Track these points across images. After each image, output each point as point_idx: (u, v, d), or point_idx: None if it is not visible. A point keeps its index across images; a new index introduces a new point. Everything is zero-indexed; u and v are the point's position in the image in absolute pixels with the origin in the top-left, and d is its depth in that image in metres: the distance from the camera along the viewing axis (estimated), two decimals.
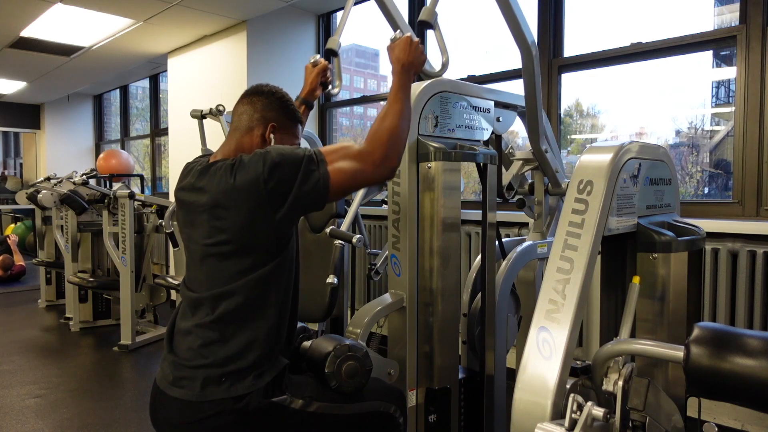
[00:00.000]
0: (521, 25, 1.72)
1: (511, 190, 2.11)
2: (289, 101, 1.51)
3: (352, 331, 1.64)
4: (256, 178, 1.28)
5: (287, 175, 1.28)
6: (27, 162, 9.34)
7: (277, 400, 1.31)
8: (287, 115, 1.49)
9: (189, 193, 1.40)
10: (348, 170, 1.33)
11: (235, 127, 1.47)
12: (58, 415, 2.87)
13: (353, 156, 1.34)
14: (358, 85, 6.84)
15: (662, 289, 1.28)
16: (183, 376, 1.30)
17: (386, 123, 1.37)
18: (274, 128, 1.45)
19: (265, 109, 1.45)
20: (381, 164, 1.34)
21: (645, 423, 1.12)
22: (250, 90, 1.50)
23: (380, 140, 1.35)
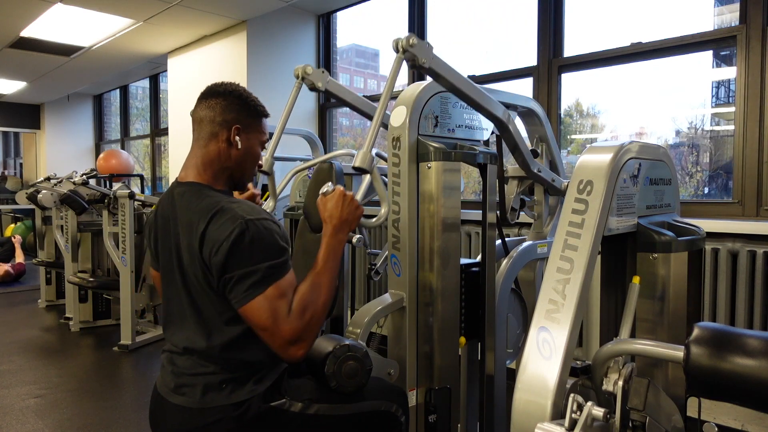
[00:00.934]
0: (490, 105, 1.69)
1: (514, 212, 2.12)
2: (249, 97, 1.42)
3: (352, 331, 1.64)
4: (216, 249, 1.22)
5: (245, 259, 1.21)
6: (27, 162, 9.34)
7: (276, 404, 1.31)
8: (249, 112, 1.41)
9: (167, 221, 1.37)
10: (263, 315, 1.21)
11: (197, 136, 1.39)
12: (58, 415, 2.87)
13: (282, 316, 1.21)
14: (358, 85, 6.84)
15: (662, 289, 1.28)
16: (183, 384, 1.30)
17: (313, 301, 1.26)
18: (239, 130, 1.38)
19: (225, 111, 1.37)
20: (291, 344, 1.23)
21: (645, 423, 1.12)
22: (205, 92, 1.41)
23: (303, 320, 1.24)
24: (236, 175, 1.43)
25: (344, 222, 1.39)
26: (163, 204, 1.42)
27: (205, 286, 1.27)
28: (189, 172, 1.39)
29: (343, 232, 1.39)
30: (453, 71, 1.55)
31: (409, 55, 1.44)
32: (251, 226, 1.22)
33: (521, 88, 3.48)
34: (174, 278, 1.35)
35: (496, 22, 3.92)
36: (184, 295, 1.33)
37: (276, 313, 1.21)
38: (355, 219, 1.43)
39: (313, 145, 3.74)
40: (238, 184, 1.46)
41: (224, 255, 1.21)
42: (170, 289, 1.38)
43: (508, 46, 3.80)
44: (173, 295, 1.37)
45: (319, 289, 1.29)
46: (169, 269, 1.37)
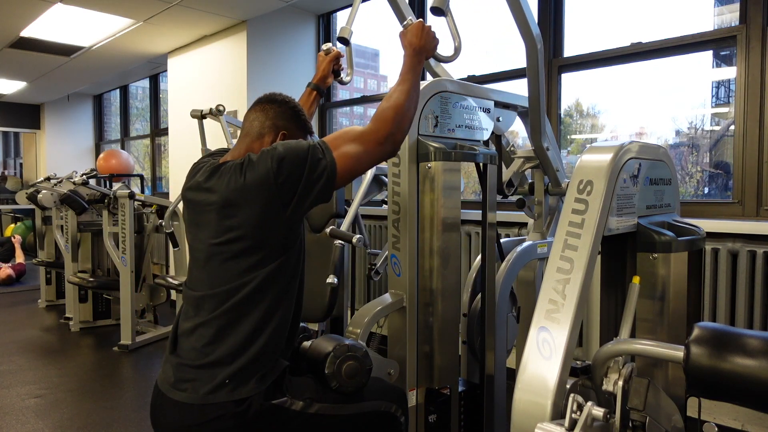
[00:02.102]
0: (527, 18, 1.73)
1: (511, 187, 2.11)
2: (300, 111, 1.52)
3: (352, 331, 1.64)
4: (266, 174, 1.29)
5: (295, 167, 1.30)
6: (27, 162, 9.34)
7: (278, 402, 1.31)
8: (298, 125, 1.50)
9: (197, 192, 1.40)
10: (353, 153, 1.35)
11: (246, 132, 1.48)
12: (58, 415, 2.87)
13: (356, 138, 1.36)
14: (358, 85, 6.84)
15: (662, 289, 1.28)
16: (185, 379, 1.30)
17: (392, 101, 1.39)
18: (285, 136, 1.46)
19: (277, 117, 1.46)
20: (385, 141, 1.37)
21: (645, 423, 1.12)
22: (264, 98, 1.51)
23: (385, 118, 1.37)
24: None
25: (423, 48, 1.52)
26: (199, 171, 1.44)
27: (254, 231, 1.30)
28: (227, 158, 1.44)
29: (421, 55, 1.52)
30: None
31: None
32: (274, 149, 1.32)
33: (521, 88, 3.47)
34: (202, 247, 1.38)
35: (496, 22, 3.92)
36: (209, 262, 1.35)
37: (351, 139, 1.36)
38: (432, 47, 1.55)
39: None
40: None
41: (286, 169, 1.29)
42: (196, 263, 1.41)
43: (508, 46, 3.80)
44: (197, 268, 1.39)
45: (396, 93, 1.41)
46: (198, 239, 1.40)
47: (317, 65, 1.90)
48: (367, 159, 1.38)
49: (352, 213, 2.10)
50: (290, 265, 1.37)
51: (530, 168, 2.19)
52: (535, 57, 1.80)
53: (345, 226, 2.06)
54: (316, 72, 1.89)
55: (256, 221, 1.30)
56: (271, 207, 1.30)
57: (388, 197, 1.76)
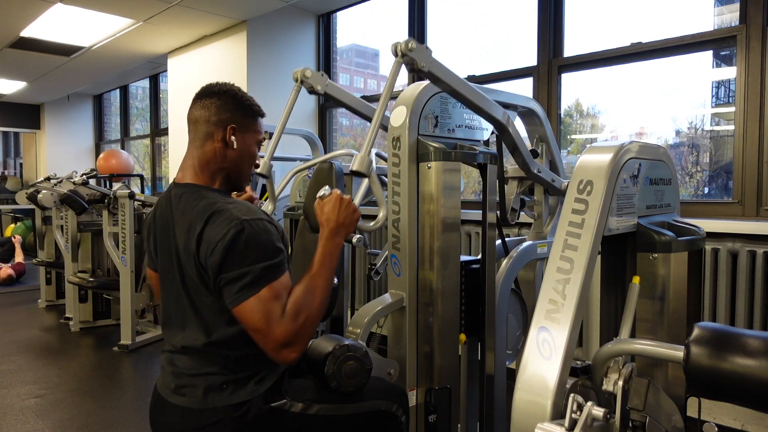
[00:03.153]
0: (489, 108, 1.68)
1: (514, 213, 2.12)
2: (243, 96, 1.41)
3: (352, 331, 1.64)
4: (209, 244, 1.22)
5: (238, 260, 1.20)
6: (27, 162, 9.34)
7: (277, 404, 1.31)
8: (245, 111, 1.40)
9: (165, 222, 1.37)
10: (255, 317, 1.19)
11: (192, 137, 1.39)
12: (58, 415, 2.87)
13: (275, 318, 1.20)
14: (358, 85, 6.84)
15: (662, 289, 1.28)
16: (184, 385, 1.30)
17: (308, 304, 1.24)
18: (234, 129, 1.37)
19: (220, 111, 1.37)
20: (282, 348, 1.21)
21: (645, 423, 1.12)
22: (200, 92, 1.41)
23: (296, 323, 1.21)
24: (233, 176, 1.42)
25: (341, 225, 1.38)
26: (160, 205, 1.41)
27: (202, 287, 1.27)
28: (186, 174, 1.38)
29: (339, 235, 1.38)
30: (452, 74, 1.55)
31: (407, 59, 1.44)
32: (247, 227, 1.22)
33: (521, 88, 3.48)
34: (173, 279, 1.35)
35: (496, 22, 3.92)
36: (184, 296, 1.32)
37: (269, 315, 1.19)
38: (353, 222, 1.42)
39: (313, 145, 3.74)
40: (236, 185, 1.45)
41: (219, 256, 1.21)
42: (169, 290, 1.38)
43: (508, 46, 3.80)
44: (172, 296, 1.36)
45: (314, 292, 1.27)
46: (168, 270, 1.37)
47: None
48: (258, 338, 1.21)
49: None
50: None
51: (527, 187, 2.21)
52: (510, 134, 1.79)
53: None
54: None
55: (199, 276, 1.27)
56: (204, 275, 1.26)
57: (388, 197, 1.76)
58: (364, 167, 1.45)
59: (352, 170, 1.46)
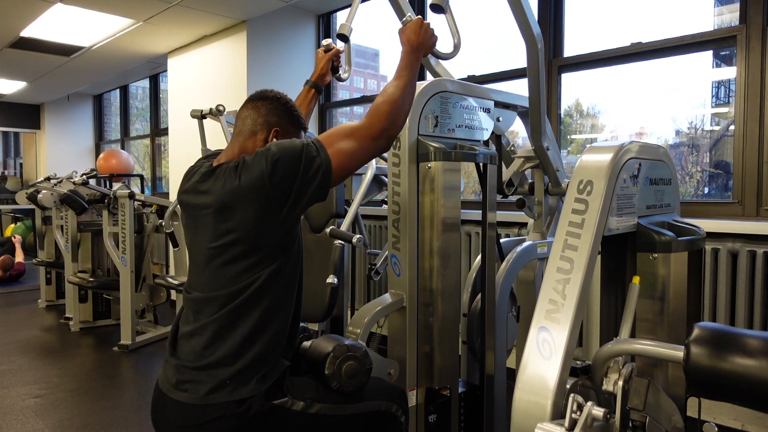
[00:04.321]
0: (528, 17, 1.73)
1: (511, 186, 2.11)
2: (293, 107, 1.50)
3: (352, 331, 1.64)
4: (261, 175, 1.28)
5: (290, 166, 1.29)
6: (27, 162, 9.34)
7: (279, 402, 1.31)
8: (291, 121, 1.48)
9: (192, 196, 1.40)
10: (347, 150, 1.34)
11: (238, 131, 1.46)
12: (58, 415, 2.87)
13: (350, 135, 1.35)
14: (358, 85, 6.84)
15: (662, 289, 1.28)
16: (186, 380, 1.30)
17: (387, 96, 1.39)
18: (278, 133, 1.44)
19: (270, 114, 1.45)
20: (379, 137, 1.36)
21: (645, 423, 1.12)
22: (255, 95, 1.49)
23: (379, 113, 1.37)
24: None
25: (421, 45, 1.51)
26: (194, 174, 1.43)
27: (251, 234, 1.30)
28: (222, 160, 1.43)
29: (419, 52, 1.51)
30: None
31: None
32: (268, 150, 1.31)
33: (521, 88, 3.47)
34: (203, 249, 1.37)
35: (496, 22, 3.92)
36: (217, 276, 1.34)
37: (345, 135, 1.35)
38: (431, 44, 1.55)
39: None
40: None
41: (281, 167, 1.28)
42: (196, 262, 1.40)
43: (508, 46, 3.79)
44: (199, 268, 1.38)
45: (391, 88, 1.40)
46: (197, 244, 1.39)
47: (316, 62, 1.88)
48: (361, 155, 1.37)
49: (352, 213, 2.10)
50: (289, 267, 1.37)
51: (530, 168, 2.19)
52: (536, 56, 1.80)
53: (345, 226, 2.06)
54: (314, 69, 1.88)
55: (252, 223, 1.30)
56: (267, 208, 1.30)
57: (388, 197, 1.76)
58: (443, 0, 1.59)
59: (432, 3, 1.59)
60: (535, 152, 2.06)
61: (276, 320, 1.34)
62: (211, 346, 1.30)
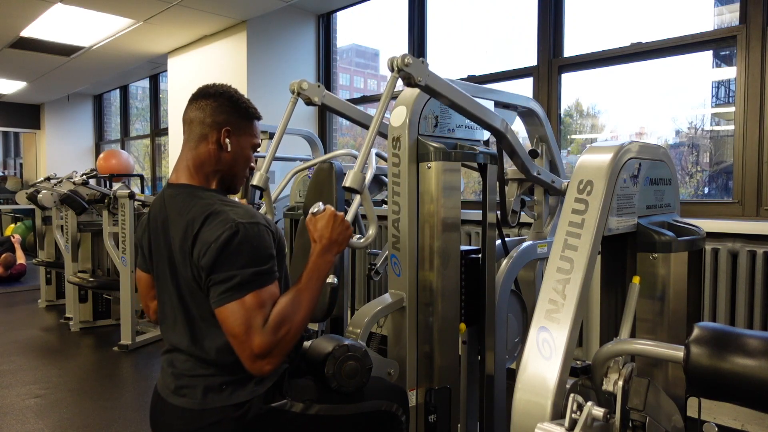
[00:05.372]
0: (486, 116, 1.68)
1: (515, 215, 2.13)
2: (240, 99, 1.39)
3: (352, 331, 1.64)
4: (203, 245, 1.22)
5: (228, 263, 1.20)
6: (27, 162, 9.34)
7: (278, 405, 1.30)
8: (240, 114, 1.38)
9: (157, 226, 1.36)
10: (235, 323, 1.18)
11: (187, 138, 1.38)
12: (58, 415, 2.87)
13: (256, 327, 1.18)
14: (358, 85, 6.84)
15: (662, 289, 1.28)
16: (184, 385, 1.30)
17: (299, 316, 1.24)
18: (229, 132, 1.36)
19: (215, 113, 1.35)
20: (257, 358, 1.19)
21: (645, 423, 1.12)
22: (196, 93, 1.39)
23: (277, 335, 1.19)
24: (227, 178, 1.41)
25: (333, 243, 1.37)
26: (155, 206, 1.40)
27: (196, 288, 1.27)
28: (180, 175, 1.38)
29: (331, 252, 1.37)
30: (449, 86, 1.55)
31: (404, 74, 1.44)
32: (241, 230, 1.21)
33: (521, 88, 3.48)
34: (167, 281, 1.35)
35: (496, 22, 3.92)
36: (176, 298, 1.32)
37: (249, 322, 1.18)
38: (345, 240, 1.40)
39: (313, 145, 3.73)
40: (230, 187, 1.44)
41: (212, 257, 1.20)
42: (163, 290, 1.37)
43: (508, 46, 3.80)
44: (166, 297, 1.36)
45: (300, 305, 1.25)
46: (161, 271, 1.37)
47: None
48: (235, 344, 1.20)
49: (352, 213, 2.10)
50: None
51: (526, 189, 2.21)
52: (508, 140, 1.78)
53: None
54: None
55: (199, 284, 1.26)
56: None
57: (388, 197, 1.76)
58: (357, 184, 1.44)
59: (345, 186, 1.44)
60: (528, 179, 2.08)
61: None
62: (207, 360, 1.29)
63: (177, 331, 1.33)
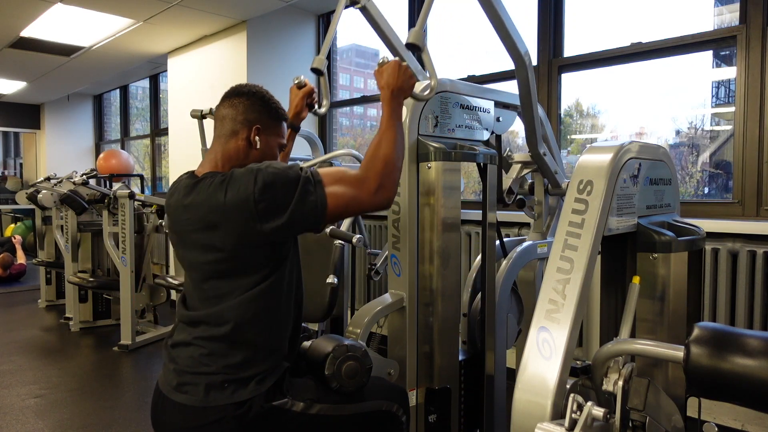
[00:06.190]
0: (513, 38, 1.70)
1: (511, 194, 2.11)
2: (271, 99, 1.46)
3: (352, 331, 1.64)
4: (246, 197, 1.24)
5: (281, 195, 1.25)
6: (27, 162, 9.34)
7: (279, 403, 1.31)
8: (271, 114, 1.44)
9: (177, 210, 1.37)
10: (344, 196, 1.30)
11: (218, 133, 1.43)
12: (58, 415, 2.87)
13: (350, 182, 1.31)
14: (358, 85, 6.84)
15: (662, 289, 1.28)
16: (186, 382, 1.30)
17: (381, 151, 1.35)
18: (259, 130, 1.41)
19: (248, 111, 1.41)
20: (376, 193, 1.32)
21: (645, 423, 1.12)
22: (230, 92, 1.45)
23: (375, 169, 1.32)
24: None
25: (399, 89, 1.45)
26: (173, 193, 1.41)
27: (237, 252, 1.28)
28: (206, 167, 1.40)
29: (399, 98, 1.45)
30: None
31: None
32: (260, 171, 1.26)
33: None
34: (190, 267, 1.37)
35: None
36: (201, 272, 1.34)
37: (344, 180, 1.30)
38: (410, 87, 1.48)
39: (313, 145, 3.73)
40: None
41: (267, 198, 1.24)
42: (190, 267, 1.39)
43: None
44: (193, 272, 1.38)
45: (383, 142, 1.36)
46: (185, 258, 1.39)
47: (290, 100, 1.80)
48: (357, 205, 1.33)
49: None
50: (285, 279, 1.35)
51: (529, 172, 2.19)
52: (525, 74, 1.78)
53: (345, 226, 2.06)
54: (289, 107, 1.77)
55: (235, 242, 1.27)
56: (250, 230, 1.25)
57: None
58: (419, 40, 1.47)
59: (408, 42, 1.49)
60: (533, 158, 2.07)
61: (275, 328, 1.34)
62: (209, 356, 1.30)
63: (199, 329, 1.33)
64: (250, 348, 1.30)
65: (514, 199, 2.13)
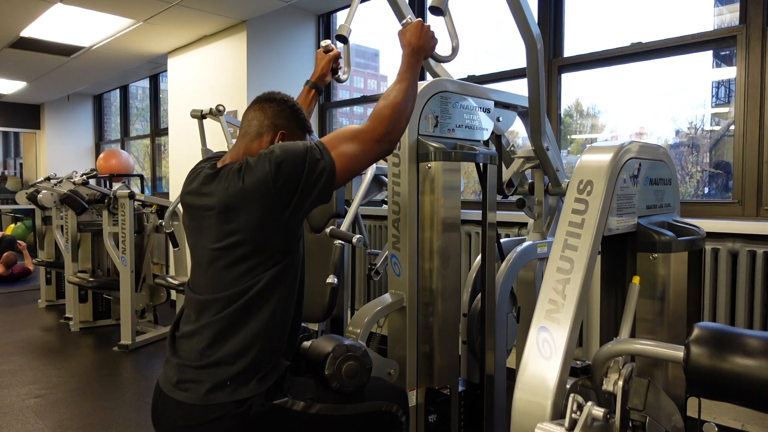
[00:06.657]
0: (527, 18, 1.73)
1: (511, 187, 2.11)
2: (299, 110, 1.51)
3: (352, 331, 1.65)
4: (264, 177, 1.29)
5: (294, 169, 1.30)
6: (27, 162, 9.34)
7: (279, 402, 1.31)
8: (297, 124, 1.49)
9: (196, 197, 1.40)
10: (351, 153, 1.35)
11: (244, 132, 1.48)
12: (58, 415, 2.87)
13: (353, 137, 1.36)
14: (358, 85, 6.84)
15: (662, 289, 1.28)
16: (187, 379, 1.30)
17: (389, 100, 1.39)
18: (284, 136, 1.46)
19: (276, 117, 1.46)
20: (381, 140, 1.37)
21: (645, 423, 1.12)
22: (263, 96, 1.50)
23: (382, 117, 1.37)
24: None
25: (421, 48, 1.51)
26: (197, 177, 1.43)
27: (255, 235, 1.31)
28: (227, 161, 1.43)
29: (420, 55, 1.51)
30: None
31: None
32: (271, 152, 1.32)
33: (521, 88, 3.47)
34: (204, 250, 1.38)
35: (496, 22, 3.92)
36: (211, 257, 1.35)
37: (348, 138, 1.35)
38: (431, 47, 1.54)
39: None
40: None
41: (283, 174, 1.28)
42: (198, 263, 1.41)
43: (508, 46, 3.79)
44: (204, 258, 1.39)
45: (394, 92, 1.40)
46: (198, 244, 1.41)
47: (316, 63, 1.89)
48: (365, 158, 1.38)
49: (352, 213, 2.10)
50: (292, 269, 1.37)
51: (530, 168, 2.19)
52: (536, 57, 1.80)
53: (345, 226, 2.06)
54: (314, 70, 1.88)
55: (255, 225, 1.30)
56: (270, 211, 1.30)
57: (388, 197, 1.76)
58: (441, 3, 1.54)
59: (432, 6, 1.55)
60: (535, 152, 2.06)
61: (277, 322, 1.34)
62: (212, 347, 1.30)
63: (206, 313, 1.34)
64: (249, 331, 1.30)
65: (513, 192, 2.13)
